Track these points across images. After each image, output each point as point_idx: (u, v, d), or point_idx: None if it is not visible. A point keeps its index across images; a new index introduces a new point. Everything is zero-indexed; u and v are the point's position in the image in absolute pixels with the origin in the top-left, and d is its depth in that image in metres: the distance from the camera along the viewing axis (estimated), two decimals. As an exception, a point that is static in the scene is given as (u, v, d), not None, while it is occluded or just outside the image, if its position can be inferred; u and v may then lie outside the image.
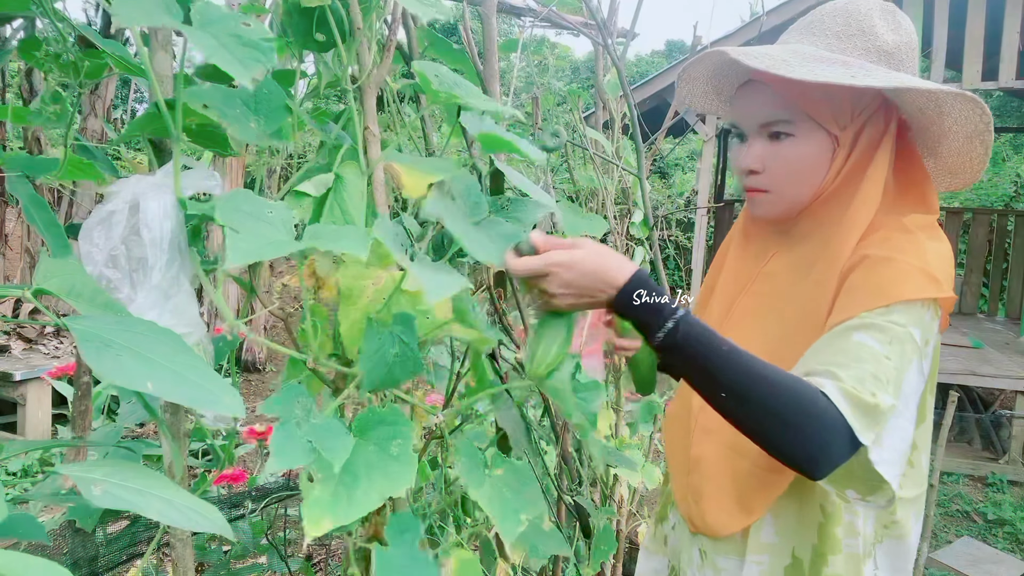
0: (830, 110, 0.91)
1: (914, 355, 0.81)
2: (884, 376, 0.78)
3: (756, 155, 0.96)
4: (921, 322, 0.82)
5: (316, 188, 0.77)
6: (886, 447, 0.78)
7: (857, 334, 0.81)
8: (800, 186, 0.94)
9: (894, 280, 0.83)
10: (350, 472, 0.69)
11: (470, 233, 0.79)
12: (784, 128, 0.93)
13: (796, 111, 0.91)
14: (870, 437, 0.76)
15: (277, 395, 0.69)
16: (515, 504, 0.87)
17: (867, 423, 0.76)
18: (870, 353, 0.79)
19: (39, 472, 3.34)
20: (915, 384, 0.82)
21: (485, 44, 1.13)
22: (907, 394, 0.81)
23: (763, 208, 0.99)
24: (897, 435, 0.80)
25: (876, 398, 0.76)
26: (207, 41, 0.59)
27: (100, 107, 4.51)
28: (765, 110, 0.94)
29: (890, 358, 0.79)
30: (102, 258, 0.66)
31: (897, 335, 0.80)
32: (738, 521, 0.94)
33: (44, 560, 0.36)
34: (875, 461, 0.77)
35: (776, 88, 0.92)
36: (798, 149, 0.93)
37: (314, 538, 0.65)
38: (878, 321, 0.81)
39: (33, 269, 4.75)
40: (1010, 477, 4.20)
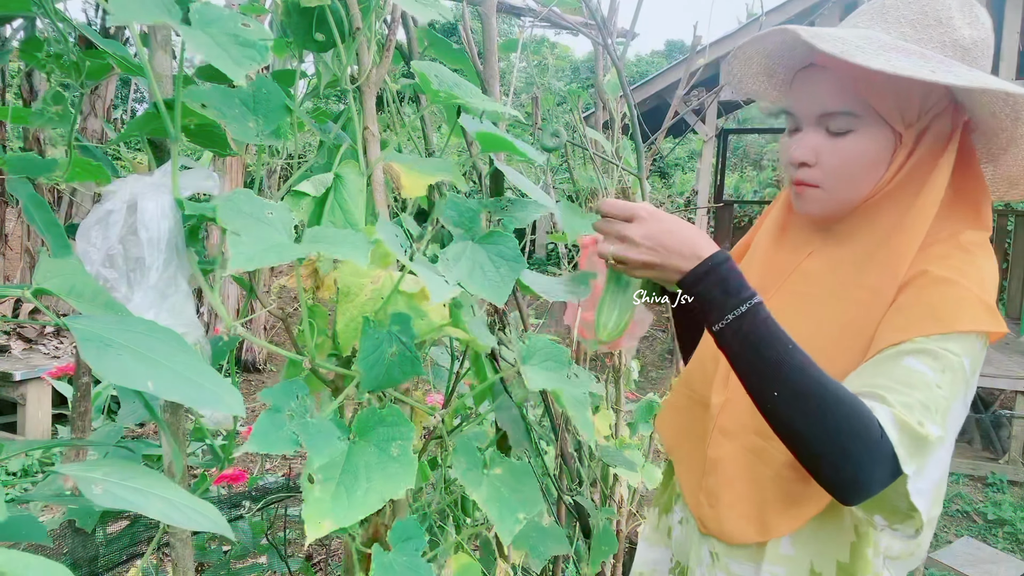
0: (897, 105, 0.84)
1: (962, 385, 0.78)
2: (934, 405, 0.75)
3: (810, 147, 0.89)
4: (973, 352, 0.79)
5: (315, 188, 0.77)
6: (925, 477, 0.75)
7: (909, 359, 0.77)
8: (855, 185, 0.88)
9: (954, 308, 0.79)
10: (350, 473, 0.69)
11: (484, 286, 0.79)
12: (845, 121, 0.86)
13: (861, 103, 0.85)
14: (912, 467, 0.73)
15: (275, 386, 0.69)
16: (513, 504, 0.87)
17: (912, 452, 0.73)
18: (921, 380, 0.76)
19: (39, 472, 3.34)
20: (959, 415, 0.79)
21: (485, 44, 1.13)
22: (951, 426, 0.78)
23: (811, 204, 0.92)
24: (937, 467, 0.78)
25: (924, 428, 0.73)
26: (202, 39, 0.59)
27: (100, 107, 4.51)
28: (827, 99, 0.87)
29: (941, 387, 0.76)
30: (99, 258, 0.67)
31: (950, 364, 0.77)
32: (756, 532, 0.90)
33: (44, 559, 0.36)
34: (912, 492, 0.74)
35: (842, 76, 0.85)
36: (859, 145, 0.86)
37: (315, 539, 0.65)
38: (932, 347, 0.77)
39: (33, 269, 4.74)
40: (1010, 477, 4.20)
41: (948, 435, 0.78)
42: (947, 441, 0.78)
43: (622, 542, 1.83)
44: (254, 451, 0.64)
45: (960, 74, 0.79)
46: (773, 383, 0.76)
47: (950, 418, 0.77)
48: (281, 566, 1.72)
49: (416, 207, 1.14)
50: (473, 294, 0.79)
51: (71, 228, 0.75)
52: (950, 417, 0.77)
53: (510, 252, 0.83)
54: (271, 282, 5.55)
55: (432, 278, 0.74)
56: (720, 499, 0.93)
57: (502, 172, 1.01)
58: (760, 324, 0.77)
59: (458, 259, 0.80)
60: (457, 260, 0.79)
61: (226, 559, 1.74)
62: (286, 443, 0.65)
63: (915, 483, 0.74)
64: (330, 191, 0.79)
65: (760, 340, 0.77)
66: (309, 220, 0.79)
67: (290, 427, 0.66)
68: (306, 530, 0.65)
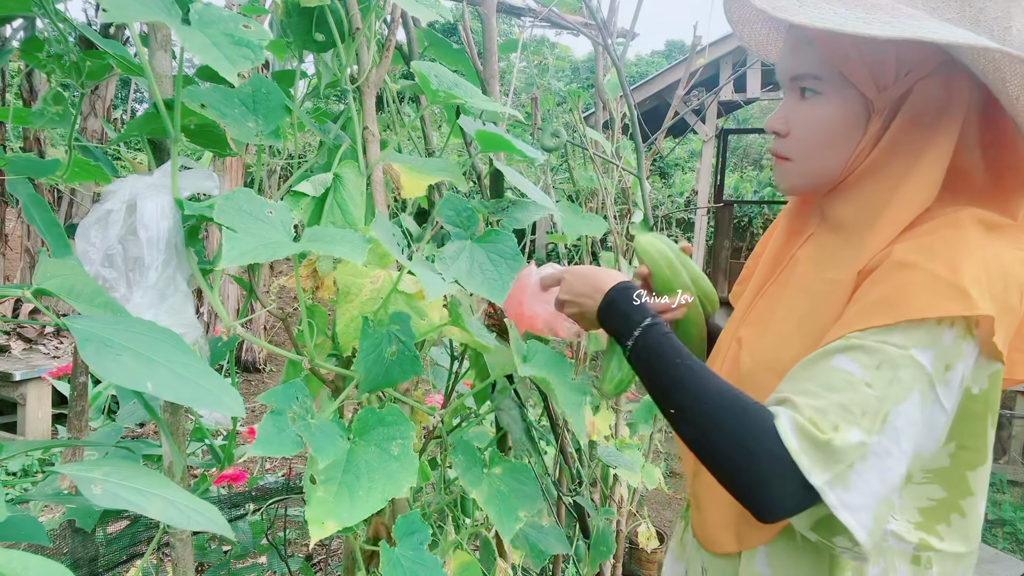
0: (866, 66, 0.75)
1: (916, 384, 0.67)
2: (859, 408, 0.66)
3: (782, 115, 0.83)
4: (936, 344, 0.67)
5: (314, 188, 0.77)
6: (855, 489, 0.66)
7: (838, 357, 0.69)
8: (824, 156, 0.80)
9: (903, 294, 0.69)
10: (352, 473, 0.70)
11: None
12: (811, 84, 0.79)
13: (824, 64, 0.77)
14: (823, 478, 0.65)
15: (277, 388, 0.69)
16: (513, 502, 0.88)
17: (819, 461, 0.65)
18: (845, 380, 0.68)
19: (39, 472, 3.34)
20: (913, 418, 0.67)
21: (485, 44, 1.13)
22: (899, 429, 0.67)
23: (784, 179, 0.85)
24: (876, 476, 0.66)
25: (834, 433, 0.65)
26: (198, 39, 0.59)
27: (100, 107, 4.51)
28: (795, 62, 0.80)
29: (872, 386, 0.67)
30: (99, 257, 0.67)
31: (890, 359, 0.67)
32: (733, 541, 0.86)
33: (43, 559, 0.36)
34: (833, 505, 0.66)
35: (806, 34, 0.78)
36: (823, 111, 0.78)
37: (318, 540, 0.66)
38: (868, 342, 0.68)
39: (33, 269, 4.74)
40: (1010, 477, 4.20)
41: (894, 441, 0.66)
42: (898, 448, 0.67)
43: (622, 542, 1.83)
44: (259, 454, 0.64)
45: (901, 25, 0.66)
46: (668, 401, 0.75)
47: (895, 420, 0.66)
48: (281, 566, 1.72)
49: (416, 207, 1.14)
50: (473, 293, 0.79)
51: (71, 228, 0.75)
52: (895, 419, 0.66)
53: (509, 251, 0.83)
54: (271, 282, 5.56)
55: (428, 275, 0.74)
56: (702, 503, 0.92)
57: (502, 172, 1.01)
58: (653, 344, 0.78)
59: (456, 258, 0.80)
60: (455, 259, 0.80)
61: (226, 559, 1.74)
62: (290, 445, 0.65)
63: (838, 496, 0.65)
64: (329, 191, 0.79)
65: (652, 360, 0.77)
66: (308, 220, 0.79)
67: (293, 429, 0.67)
68: (310, 531, 0.65)
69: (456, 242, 0.82)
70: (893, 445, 0.67)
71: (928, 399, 0.68)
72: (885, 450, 0.66)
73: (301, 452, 0.67)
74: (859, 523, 0.66)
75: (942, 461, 0.74)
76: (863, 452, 0.66)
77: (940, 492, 0.75)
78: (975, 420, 0.74)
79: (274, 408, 0.67)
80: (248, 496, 1.76)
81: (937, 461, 0.74)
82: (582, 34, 1.54)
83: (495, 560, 1.16)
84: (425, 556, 0.76)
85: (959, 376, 0.69)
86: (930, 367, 0.67)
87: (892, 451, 0.66)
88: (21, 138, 5.30)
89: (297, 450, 0.66)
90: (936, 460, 0.74)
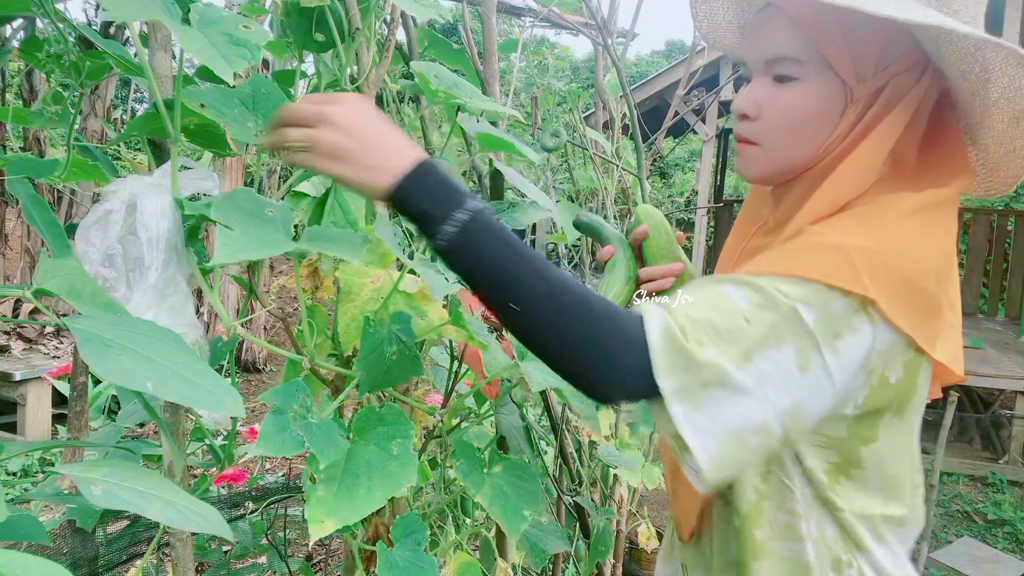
0: (851, 55, 0.73)
1: (793, 337, 0.65)
2: (729, 334, 0.64)
3: (753, 98, 0.78)
4: (823, 307, 0.65)
5: (315, 188, 0.77)
6: (706, 413, 0.64)
7: (727, 286, 0.68)
8: (796, 144, 0.77)
9: (800, 252, 0.68)
10: (351, 473, 0.70)
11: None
12: (790, 67, 0.75)
13: (808, 47, 0.74)
14: (672, 383, 0.63)
15: (278, 387, 0.69)
16: (517, 501, 0.88)
17: (674, 367, 0.63)
18: (727, 307, 0.66)
19: (39, 472, 3.34)
20: (785, 368, 0.65)
21: (485, 44, 1.13)
22: (767, 373, 0.64)
23: (750, 165, 0.81)
24: (733, 410, 0.64)
25: (697, 346, 0.63)
26: (196, 38, 0.59)
27: (100, 107, 4.51)
28: (772, 41, 0.77)
29: (750, 322, 0.65)
30: (98, 257, 0.67)
31: (774, 303, 0.65)
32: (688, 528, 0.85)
33: (44, 559, 0.36)
34: (676, 418, 0.64)
35: (789, 15, 0.75)
36: (802, 97, 0.75)
37: (317, 539, 0.66)
38: (760, 282, 0.66)
39: (33, 269, 4.74)
40: (1010, 477, 4.19)
41: (759, 384, 0.64)
42: (763, 393, 0.64)
43: (622, 542, 1.83)
44: (260, 454, 0.64)
45: (908, 8, 0.65)
46: (511, 293, 0.65)
47: (763, 363, 0.64)
48: (281, 566, 1.72)
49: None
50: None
51: (71, 228, 0.75)
52: (763, 362, 0.64)
53: None
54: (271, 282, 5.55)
55: (432, 276, 0.74)
56: (679, 494, 0.90)
57: (502, 173, 1.01)
58: (493, 226, 0.66)
59: None
60: None
61: (226, 559, 1.74)
62: (292, 445, 0.65)
63: (683, 409, 0.64)
64: (330, 191, 0.79)
65: (491, 246, 0.65)
66: (309, 219, 0.79)
67: (294, 428, 0.67)
68: (309, 529, 0.65)
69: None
70: (756, 387, 0.64)
71: (809, 358, 0.65)
72: (746, 387, 0.64)
73: (301, 452, 0.67)
74: (702, 446, 0.64)
75: (839, 431, 0.73)
76: (722, 379, 0.64)
77: (836, 457, 0.74)
78: (878, 408, 0.72)
79: (275, 407, 0.67)
80: (248, 496, 1.76)
81: (835, 430, 0.73)
82: (582, 34, 1.54)
83: (495, 560, 1.16)
84: (422, 557, 0.76)
85: (857, 352, 0.67)
86: (812, 325, 0.65)
87: (754, 392, 0.64)
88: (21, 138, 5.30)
89: (298, 449, 0.66)
90: (834, 428, 0.72)
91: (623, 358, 0.65)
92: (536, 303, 0.65)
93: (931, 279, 0.68)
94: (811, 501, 0.75)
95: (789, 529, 0.76)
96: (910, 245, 0.68)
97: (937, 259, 0.69)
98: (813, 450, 0.74)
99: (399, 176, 0.65)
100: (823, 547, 0.75)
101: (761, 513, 0.76)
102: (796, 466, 0.75)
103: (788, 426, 0.67)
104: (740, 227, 0.91)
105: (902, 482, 0.78)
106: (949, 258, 0.71)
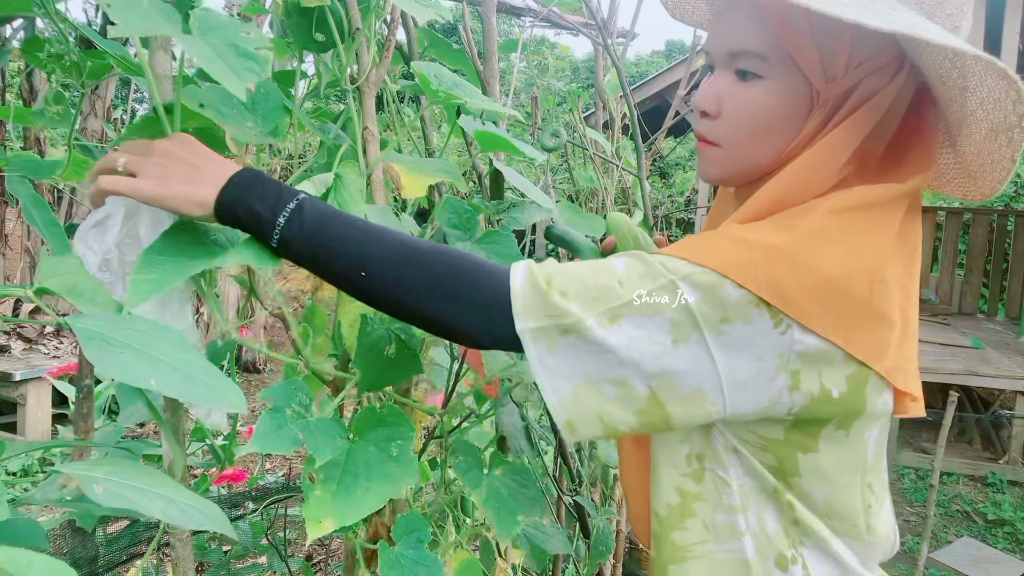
0: (818, 54, 0.68)
1: (668, 311, 0.63)
2: (598, 290, 0.64)
3: (713, 93, 0.74)
4: (710, 291, 0.63)
5: (316, 188, 0.77)
6: (559, 356, 0.64)
7: (615, 257, 0.68)
8: (759, 146, 0.73)
9: (699, 240, 0.67)
10: (350, 473, 0.70)
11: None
12: (754, 65, 0.70)
13: (774, 44, 0.69)
14: (527, 324, 0.64)
15: (277, 385, 0.69)
16: (512, 505, 0.87)
17: (530, 310, 0.64)
18: (604, 269, 0.66)
19: (39, 472, 3.34)
20: (655, 338, 0.64)
21: (485, 44, 1.13)
22: (632, 337, 0.64)
23: (710, 167, 0.77)
24: (588, 358, 0.65)
25: (560, 297, 0.64)
26: (203, 51, 0.59)
27: (100, 107, 4.50)
28: (736, 34, 0.71)
29: (623, 285, 0.64)
30: (96, 261, 0.67)
31: (654, 274, 0.64)
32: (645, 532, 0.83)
33: (47, 557, 0.36)
34: (533, 361, 0.65)
35: (756, 8, 0.69)
36: (765, 96, 0.71)
37: (316, 539, 0.66)
38: (647, 257, 0.66)
39: (33, 269, 4.74)
40: (1010, 477, 4.20)
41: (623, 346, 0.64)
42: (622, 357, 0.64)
43: (622, 542, 1.83)
44: (257, 451, 0.64)
45: (883, 15, 0.61)
46: (357, 264, 0.66)
47: (628, 327, 0.63)
48: (281, 566, 1.72)
49: (416, 207, 1.14)
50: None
51: (71, 228, 0.75)
52: (628, 326, 0.63)
53: (509, 252, 0.84)
54: (271, 282, 5.53)
55: None
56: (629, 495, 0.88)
57: (502, 173, 1.01)
58: (322, 211, 0.66)
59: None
60: None
61: (226, 559, 1.74)
62: (288, 443, 0.65)
63: (541, 353, 0.64)
64: (331, 191, 0.79)
65: (327, 229, 0.66)
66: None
67: (292, 427, 0.67)
68: (308, 529, 0.65)
69: (457, 244, 0.82)
70: (621, 347, 0.64)
71: (686, 334, 0.63)
72: (609, 346, 0.64)
73: (300, 452, 0.67)
74: (552, 387, 0.65)
75: (776, 433, 0.70)
76: (581, 330, 0.64)
77: (774, 461, 0.71)
78: (817, 419, 0.68)
79: (273, 405, 0.67)
80: (248, 496, 1.76)
81: (772, 432, 0.70)
82: (582, 34, 1.54)
83: (495, 560, 1.16)
84: (425, 555, 0.76)
85: (755, 344, 0.64)
86: (693, 303, 0.63)
87: (616, 349, 0.64)
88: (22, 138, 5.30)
89: (295, 447, 0.66)
90: (771, 430, 0.70)
91: (490, 308, 0.65)
92: (399, 267, 0.66)
93: (860, 282, 0.64)
94: (750, 492, 0.72)
95: (727, 528, 0.73)
96: (832, 245, 0.64)
97: (869, 260, 0.65)
98: (749, 447, 0.72)
99: (222, 184, 0.65)
100: (765, 542, 0.72)
101: (686, 515, 0.74)
102: (731, 455, 0.72)
103: (658, 390, 0.65)
104: (707, 228, 0.87)
105: (851, 503, 0.73)
106: (885, 259, 0.66)
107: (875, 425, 0.72)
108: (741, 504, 0.72)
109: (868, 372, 0.66)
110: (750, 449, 0.72)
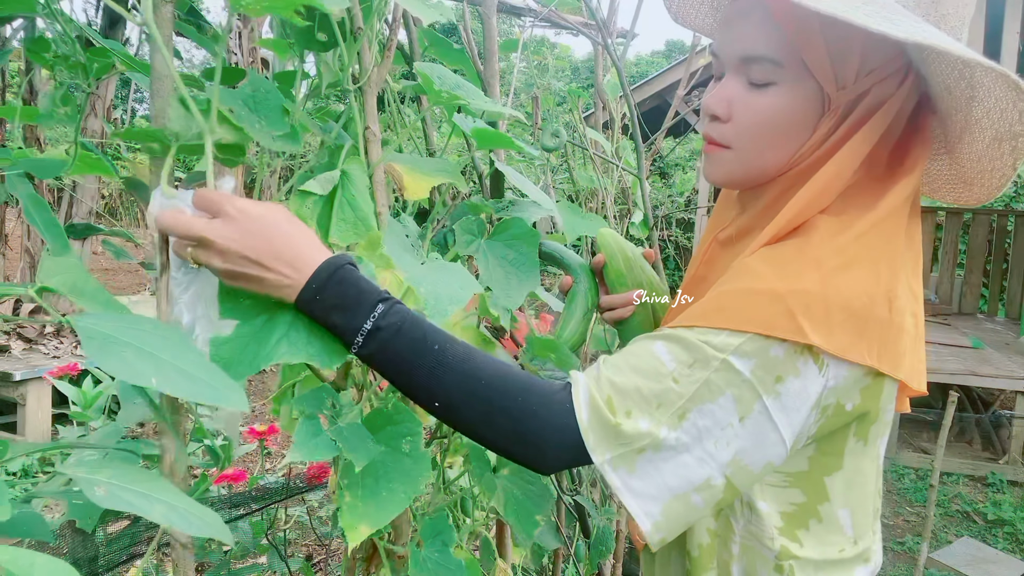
0: (831, 59, 0.68)
1: (729, 388, 0.64)
2: (657, 399, 0.65)
3: (724, 97, 0.74)
4: (760, 355, 0.64)
5: (322, 186, 0.77)
6: (644, 477, 0.65)
7: (659, 344, 0.67)
8: (769, 151, 0.73)
9: (735, 301, 0.66)
10: (371, 476, 0.70)
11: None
12: (767, 70, 0.71)
13: (788, 50, 0.69)
14: (605, 456, 0.65)
15: (306, 393, 0.69)
16: (529, 507, 0.89)
17: (603, 440, 0.65)
18: (655, 369, 0.66)
19: (39, 472, 3.34)
20: (723, 421, 0.65)
21: (485, 44, 1.13)
22: (703, 428, 0.65)
23: (717, 169, 0.77)
24: (670, 469, 0.65)
25: (625, 419, 0.65)
26: None
27: (100, 107, 4.50)
28: (750, 40, 0.71)
29: (678, 382, 0.65)
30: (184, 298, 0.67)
31: (704, 359, 0.65)
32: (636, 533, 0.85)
33: (49, 557, 0.36)
34: (616, 487, 0.65)
35: (771, 14, 0.69)
36: (778, 102, 0.71)
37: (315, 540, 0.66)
38: (690, 337, 0.66)
39: (33, 269, 4.74)
40: (1010, 477, 4.20)
41: (696, 440, 0.65)
42: (700, 447, 0.65)
43: (621, 542, 1.83)
44: (298, 460, 0.65)
45: (905, 26, 0.61)
46: (433, 395, 0.67)
47: (698, 419, 0.64)
48: (281, 566, 1.72)
49: (416, 207, 1.14)
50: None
51: (71, 228, 0.75)
52: (698, 418, 0.64)
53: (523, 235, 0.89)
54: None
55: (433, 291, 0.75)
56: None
57: (502, 173, 1.01)
58: (405, 331, 0.66)
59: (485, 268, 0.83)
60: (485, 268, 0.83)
61: (226, 559, 1.74)
62: (327, 449, 0.66)
63: (622, 479, 0.65)
64: (337, 188, 0.78)
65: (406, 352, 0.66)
66: (318, 219, 0.78)
67: (327, 433, 0.67)
68: (346, 537, 0.67)
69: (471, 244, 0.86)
70: (693, 443, 0.65)
71: (749, 406, 0.64)
72: (682, 445, 0.65)
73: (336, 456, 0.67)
74: (643, 511, 0.66)
75: (800, 465, 0.72)
76: (654, 442, 0.65)
77: (800, 497, 0.73)
78: (837, 432, 0.71)
79: (306, 413, 0.68)
80: (248, 496, 1.76)
81: (796, 465, 0.72)
82: (582, 34, 1.54)
83: (495, 560, 1.16)
84: (450, 559, 0.78)
85: (805, 393, 0.65)
86: (748, 374, 0.64)
87: (691, 448, 0.65)
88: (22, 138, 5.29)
89: (333, 453, 0.66)
90: (795, 464, 0.72)
91: (554, 441, 0.67)
92: (457, 401, 0.67)
93: (882, 305, 0.65)
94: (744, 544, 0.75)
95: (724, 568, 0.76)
96: (854, 279, 0.65)
97: (887, 280, 0.66)
98: (772, 491, 0.73)
99: (298, 293, 0.65)
100: None
101: (713, 554, 0.76)
102: (743, 507, 0.74)
103: (732, 476, 0.67)
104: (708, 230, 0.88)
105: (866, 508, 0.77)
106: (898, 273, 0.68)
107: (886, 430, 0.75)
108: (738, 554, 0.76)
109: (883, 381, 0.68)
110: (771, 492, 0.73)
